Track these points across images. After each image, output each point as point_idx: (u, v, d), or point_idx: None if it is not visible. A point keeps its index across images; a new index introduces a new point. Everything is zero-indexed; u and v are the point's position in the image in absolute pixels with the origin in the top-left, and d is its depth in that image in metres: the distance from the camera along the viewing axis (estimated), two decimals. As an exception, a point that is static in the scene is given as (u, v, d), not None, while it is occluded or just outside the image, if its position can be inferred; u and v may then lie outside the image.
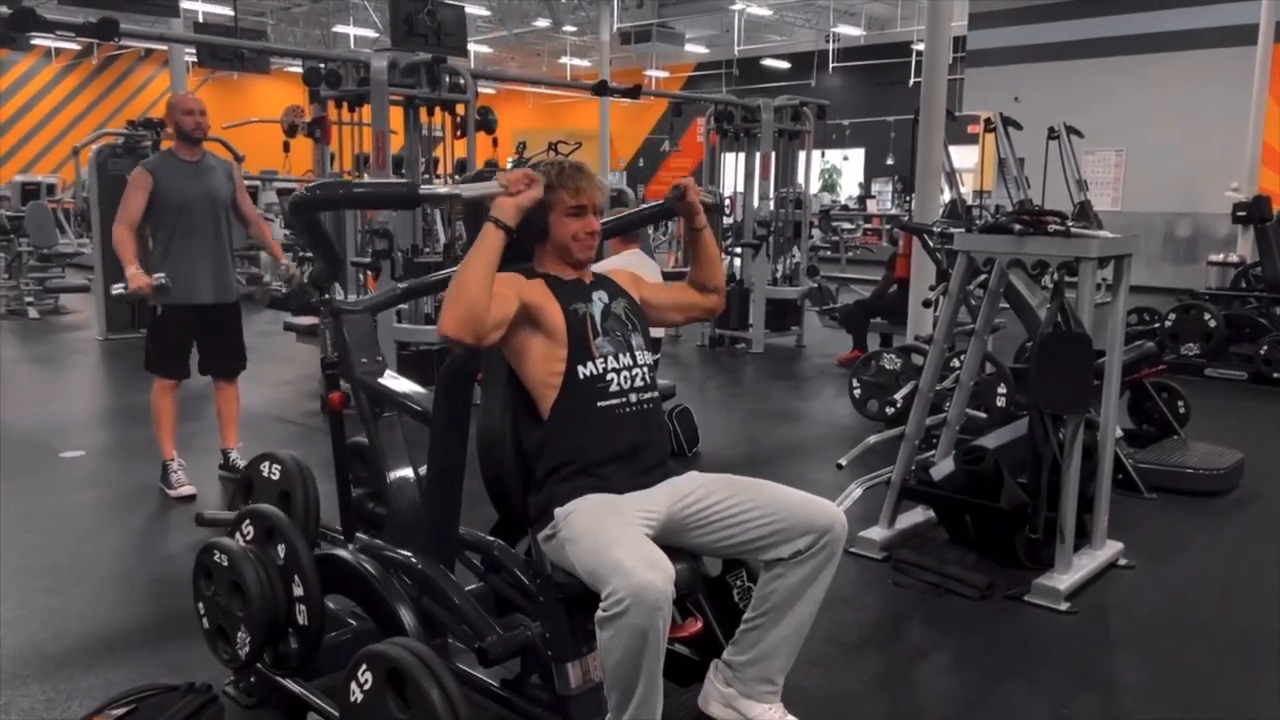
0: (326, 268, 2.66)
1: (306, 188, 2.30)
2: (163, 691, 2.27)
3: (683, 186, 2.26)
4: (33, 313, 9.65)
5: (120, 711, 2.18)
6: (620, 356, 2.12)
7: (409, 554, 2.38)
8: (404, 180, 5.69)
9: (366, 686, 1.93)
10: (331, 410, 2.60)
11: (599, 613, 1.77)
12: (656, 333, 2.64)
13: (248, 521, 2.42)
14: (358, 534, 2.62)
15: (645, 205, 2.77)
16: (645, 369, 2.16)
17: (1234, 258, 9.82)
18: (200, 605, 2.46)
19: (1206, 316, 7.07)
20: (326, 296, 2.72)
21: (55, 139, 20.02)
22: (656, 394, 2.18)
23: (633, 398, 2.11)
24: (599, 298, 2.17)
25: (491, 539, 2.33)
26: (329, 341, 2.69)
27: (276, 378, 6.73)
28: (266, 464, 2.80)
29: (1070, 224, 3.33)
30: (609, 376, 2.09)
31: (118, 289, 3.94)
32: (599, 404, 2.07)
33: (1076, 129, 10.15)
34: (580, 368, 2.07)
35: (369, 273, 5.79)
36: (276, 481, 2.74)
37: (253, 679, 2.49)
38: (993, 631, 3.06)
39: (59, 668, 2.71)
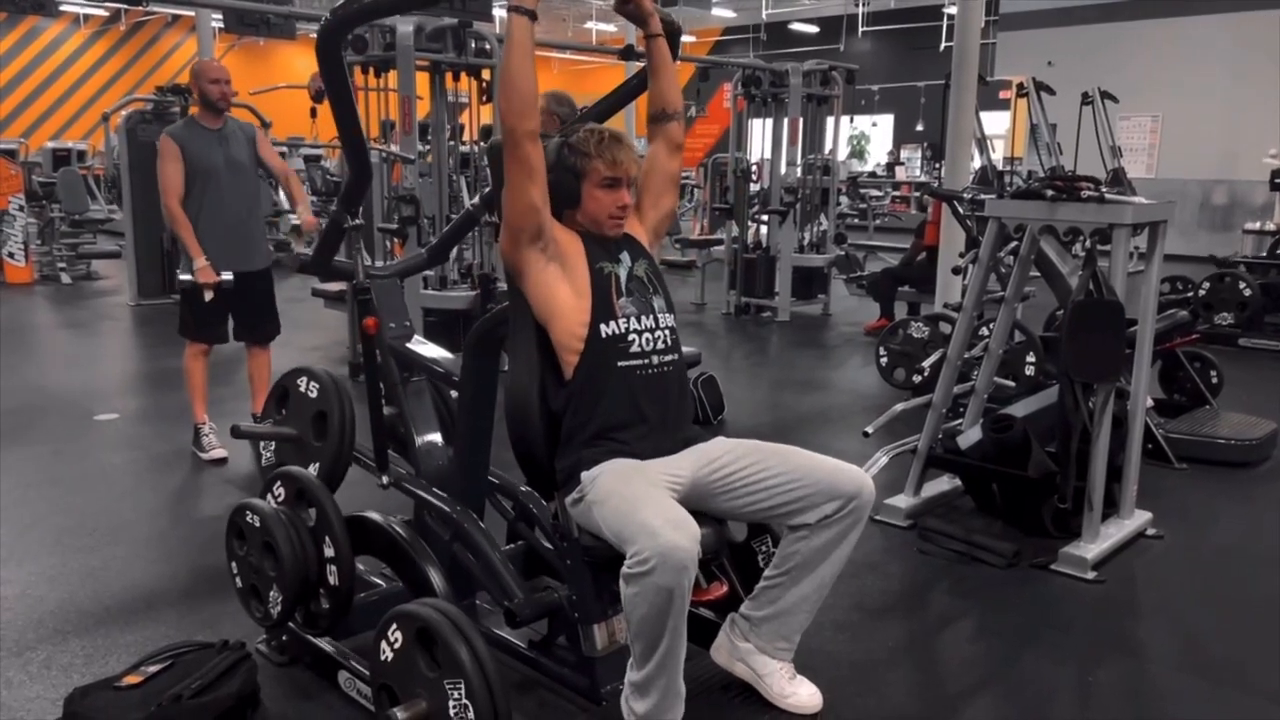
0: (355, 177, 2.51)
1: (332, 11, 2.16)
2: (198, 648, 2.32)
3: None
4: (65, 278, 9.78)
5: (157, 667, 2.23)
6: (643, 318, 2.12)
7: (442, 494, 2.38)
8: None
9: (396, 645, 1.96)
10: (364, 335, 2.54)
11: (624, 569, 1.78)
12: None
13: (279, 483, 2.45)
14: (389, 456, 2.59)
15: (614, 90, 2.62)
16: (667, 331, 2.16)
17: (1270, 225, 9.62)
18: (233, 565, 2.50)
19: (1242, 285, 6.96)
20: (358, 223, 2.59)
21: (84, 105, 20.13)
22: (679, 357, 2.18)
23: (655, 360, 2.11)
24: (624, 259, 2.17)
25: (518, 483, 2.34)
26: (360, 263, 2.62)
27: (305, 343, 6.79)
28: (304, 379, 2.71)
29: (1104, 190, 3.28)
30: (630, 337, 2.09)
31: (185, 278, 4.04)
32: (620, 364, 2.07)
33: (1111, 94, 9.94)
34: (603, 326, 2.07)
35: (396, 239, 5.81)
36: (313, 400, 2.67)
37: (284, 638, 2.54)
38: (1018, 600, 3.06)
39: (98, 624, 2.78)
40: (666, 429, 2.11)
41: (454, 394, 2.57)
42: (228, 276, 4.08)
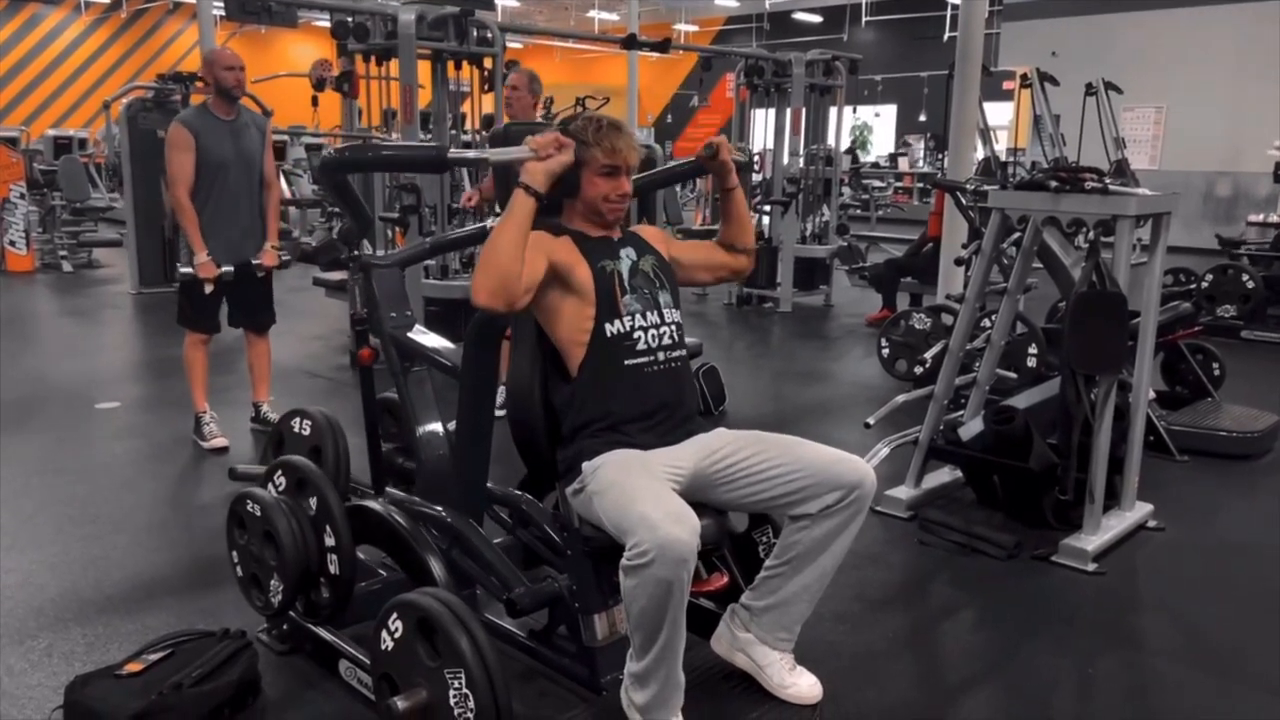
0: (355, 225, 2.68)
1: (335, 149, 2.34)
2: (199, 637, 2.33)
3: (715, 145, 2.21)
4: (66, 266, 9.78)
5: (158, 655, 2.24)
6: (648, 314, 2.11)
7: (439, 508, 2.41)
8: (433, 144, 5.66)
9: (397, 635, 1.96)
10: (361, 365, 2.63)
11: (623, 561, 1.78)
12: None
13: (280, 472, 2.45)
14: (387, 489, 2.66)
15: (675, 162, 2.74)
16: (673, 327, 2.15)
17: (1274, 217, 9.60)
18: (234, 554, 2.50)
19: (1244, 278, 6.94)
20: (355, 253, 2.74)
21: (86, 93, 20.10)
22: (684, 352, 2.17)
23: (660, 356, 2.11)
24: (627, 255, 2.16)
25: (520, 493, 2.35)
26: (358, 298, 2.71)
27: (306, 332, 6.79)
28: (297, 419, 2.83)
29: (1108, 181, 3.26)
30: (636, 334, 2.08)
31: (185, 271, 4.04)
32: (626, 362, 2.07)
33: (1115, 85, 9.91)
34: (608, 325, 2.07)
35: (397, 228, 5.80)
36: (307, 437, 2.78)
37: (285, 626, 2.55)
38: (1019, 591, 3.06)
39: (99, 613, 2.78)
40: (672, 422, 2.11)
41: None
42: (227, 269, 4.09)
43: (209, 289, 4.07)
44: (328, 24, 6.20)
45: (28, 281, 9.17)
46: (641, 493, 1.86)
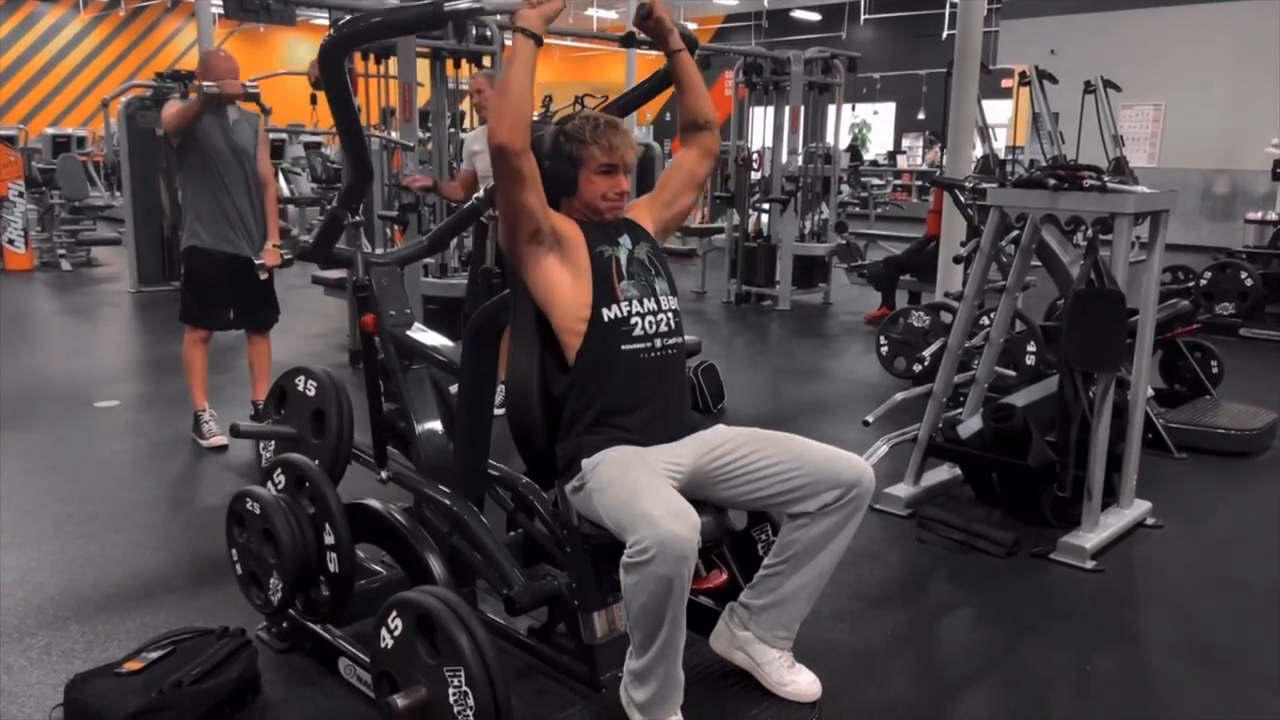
0: (355, 174, 2.53)
1: (332, 31, 2.25)
2: (198, 635, 2.33)
3: (646, 5, 2.16)
4: (65, 265, 9.77)
5: (158, 653, 2.24)
6: (645, 301, 2.11)
7: (442, 488, 2.39)
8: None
9: (396, 633, 1.97)
10: (363, 331, 2.58)
11: (624, 558, 1.78)
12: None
13: (279, 470, 2.45)
14: (388, 451, 2.61)
15: (637, 85, 2.65)
16: (670, 314, 2.15)
17: (1272, 215, 9.61)
18: (233, 552, 2.50)
19: (1243, 275, 6.95)
20: (358, 219, 2.67)
21: (84, 91, 20.07)
22: (681, 340, 2.18)
23: (657, 343, 2.11)
24: (624, 242, 2.16)
25: (518, 475, 2.34)
26: (359, 265, 2.66)
27: (306, 330, 6.79)
28: (302, 378, 2.73)
29: (1106, 179, 3.27)
30: (633, 320, 2.09)
31: (211, 88, 3.89)
32: (623, 347, 2.07)
33: (1114, 83, 9.91)
34: (605, 310, 2.07)
35: (396, 227, 5.79)
36: (311, 398, 2.70)
37: (284, 624, 2.55)
38: (1017, 588, 3.06)
39: (98, 611, 2.78)
40: (669, 413, 2.11)
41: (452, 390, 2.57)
42: (254, 84, 3.99)
43: (231, 103, 3.95)
44: (326, 22, 6.20)
45: (26, 280, 9.16)
46: (642, 489, 1.86)
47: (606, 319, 2.07)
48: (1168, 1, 12.78)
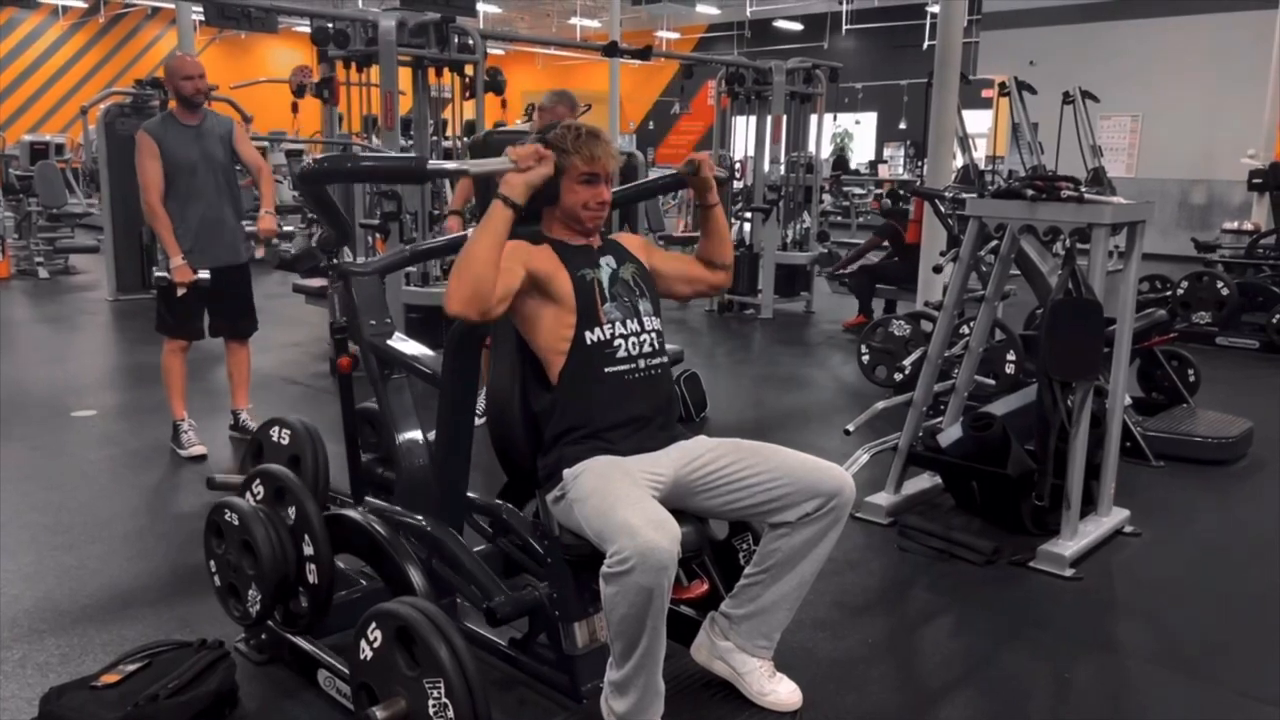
0: (334, 233, 2.66)
1: (314, 160, 2.32)
2: (176, 647, 2.31)
3: (697, 162, 2.23)
4: (43, 273, 9.68)
5: (135, 666, 2.22)
6: (628, 322, 2.12)
7: (419, 517, 2.40)
8: (412, 155, 5.65)
9: (376, 644, 1.96)
10: (340, 374, 2.61)
11: (604, 568, 1.78)
12: None
13: (258, 481, 2.43)
14: (367, 498, 2.64)
15: (658, 176, 2.74)
16: (653, 335, 2.16)
17: (1248, 225, 9.73)
18: (212, 564, 2.48)
19: (1219, 284, 7.03)
20: (335, 261, 2.73)
21: (63, 98, 19.91)
22: (665, 359, 2.18)
23: (641, 364, 2.11)
24: (606, 263, 2.16)
25: (500, 502, 2.35)
26: (337, 306, 2.70)
27: (285, 339, 6.75)
28: (276, 428, 2.80)
29: (1084, 190, 3.30)
30: (616, 342, 2.09)
31: (161, 275, 4.03)
32: (607, 369, 2.07)
33: (1092, 93, 10.02)
34: (588, 333, 2.07)
35: (377, 235, 5.78)
36: (286, 446, 2.75)
37: (264, 636, 2.53)
38: (997, 597, 3.08)
39: (74, 623, 2.75)
40: (652, 429, 2.11)
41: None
42: (204, 275, 4.05)
43: (181, 292, 4.04)
44: (308, 30, 6.18)
45: (3, 288, 9.07)
46: (622, 500, 1.86)
47: (589, 341, 2.07)
48: (1145, 14, 12.93)
